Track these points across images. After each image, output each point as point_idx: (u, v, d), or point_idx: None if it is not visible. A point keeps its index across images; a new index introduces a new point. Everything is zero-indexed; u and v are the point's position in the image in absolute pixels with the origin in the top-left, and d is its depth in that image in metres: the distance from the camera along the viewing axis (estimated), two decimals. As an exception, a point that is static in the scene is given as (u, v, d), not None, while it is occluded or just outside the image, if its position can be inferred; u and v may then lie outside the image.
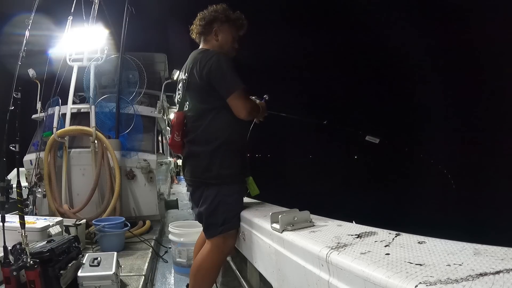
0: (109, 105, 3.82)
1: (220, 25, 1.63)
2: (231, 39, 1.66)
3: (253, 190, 1.66)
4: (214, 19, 1.63)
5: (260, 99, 1.72)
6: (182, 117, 1.61)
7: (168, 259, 2.83)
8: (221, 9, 1.64)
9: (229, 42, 1.66)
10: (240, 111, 1.46)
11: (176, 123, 1.62)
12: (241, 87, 1.45)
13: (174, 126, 1.62)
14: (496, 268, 0.59)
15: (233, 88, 1.45)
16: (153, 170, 3.75)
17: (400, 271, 0.63)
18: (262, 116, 1.70)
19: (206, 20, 1.63)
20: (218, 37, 1.64)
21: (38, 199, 3.41)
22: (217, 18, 1.63)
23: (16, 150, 1.88)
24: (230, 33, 1.65)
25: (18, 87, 2.18)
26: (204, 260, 1.56)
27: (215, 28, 1.63)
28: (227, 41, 1.65)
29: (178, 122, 1.61)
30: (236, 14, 1.66)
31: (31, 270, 1.53)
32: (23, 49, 2.79)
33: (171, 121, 1.68)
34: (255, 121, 1.72)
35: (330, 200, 10.55)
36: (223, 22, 1.63)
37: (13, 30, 3.13)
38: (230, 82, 1.46)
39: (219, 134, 1.50)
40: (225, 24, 1.64)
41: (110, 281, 1.79)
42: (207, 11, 1.65)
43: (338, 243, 0.87)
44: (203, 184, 1.55)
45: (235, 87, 1.45)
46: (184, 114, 1.62)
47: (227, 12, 1.64)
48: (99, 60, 3.89)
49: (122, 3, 4.32)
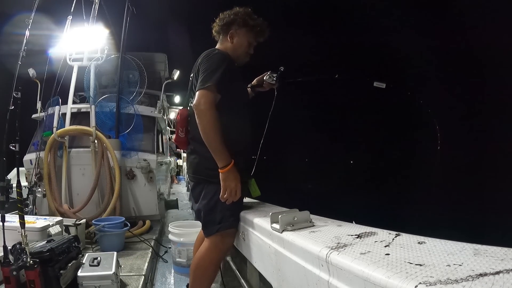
0: (109, 104, 3.82)
1: (237, 28, 1.63)
2: (247, 44, 1.65)
3: (254, 191, 1.66)
4: (232, 21, 1.63)
5: (275, 72, 1.74)
6: (186, 113, 1.63)
7: (168, 259, 2.83)
8: (242, 13, 1.64)
9: (244, 46, 1.65)
10: (196, 105, 1.44)
11: (180, 120, 1.64)
12: (211, 85, 1.42)
13: (178, 122, 1.66)
14: (496, 268, 0.59)
15: (205, 83, 1.43)
16: (153, 170, 3.75)
17: (400, 271, 0.63)
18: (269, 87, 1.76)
19: (225, 22, 1.64)
20: (233, 40, 1.64)
21: (38, 199, 3.41)
22: (235, 21, 1.63)
23: (16, 149, 1.88)
24: (246, 38, 1.64)
25: (18, 87, 2.18)
26: (202, 258, 1.57)
27: (232, 30, 1.64)
28: (241, 45, 1.65)
29: (182, 119, 1.63)
30: (256, 21, 1.64)
31: (31, 269, 1.53)
32: (23, 49, 2.78)
33: (176, 117, 1.69)
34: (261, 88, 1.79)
35: (330, 200, 10.56)
36: (241, 26, 1.63)
37: (13, 30, 3.13)
38: (206, 76, 1.45)
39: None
40: (243, 28, 1.63)
41: (110, 281, 1.79)
42: (229, 12, 1.65)
43: (338, 243, 0.87)
44: (203, 181, 1.56)
45: (207, 82, 1.43)
46: (188, 111, 1.64)
47: (247, 17, 1.63)
48: (99, 60, 3.89)
49: (123, 3, 4.32)
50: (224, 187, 1.44)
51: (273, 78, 1.75)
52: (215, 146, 1.42)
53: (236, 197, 1.46)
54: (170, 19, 33.10)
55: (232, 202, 1.48)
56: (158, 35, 19.18)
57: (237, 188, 1.45)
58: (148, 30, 10.53)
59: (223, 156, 1.42)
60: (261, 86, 1.82)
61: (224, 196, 1.44)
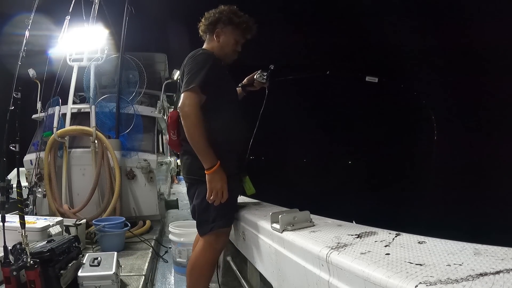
0: (109, 105, 3.82)
1: (223, 27, 1.61)
2: (233, 42, 1.64)
3: (249, 189, 1.66)
4: (217, 20, 1.61)
5: (266, 71, 1.73)
6: (176, 116, 1.61)
7: (168, 259, 2.83)
8: (227, 11, 1.62)
9: (231, 44, 1.63)
10: (181, 107, 1.43)
11: (170, 122, 1.64)
12: (195, 86, 1.42)
13: (169, 125, 1.65)
14: (496, 268, 0.59)
15: (189, 85, 1.43)
16: (153, 170, 3.75)
17: (400, 271, 0.63)
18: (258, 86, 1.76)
19: (210, 21, 1.62)
20: (220, 39, 1.62)
21: (38, 199, 3.41)
22: (220, 19, 1.61)
23: (16, 150, 1.88)
24: (233, 36, 1.63)
25: (18, 87, 2.19)
26: (197, 258, 1.57)
27: (218, 29, 1.62)
28: (228, 44, 1.63)
29: (172, 121, 1.63)
30: (241, 18, 1.62)
31: (31, 270, 1.53)
32: (23, 49, 2.79)
33: (167, 120, 1.69)
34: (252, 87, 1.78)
35: (330, 200, 10.56)
36: (226, 24, 1.61)
37: (13, 30, 3.13)
38: (190, 78, 1.44)
39: (210, 134, 1.46)
40: (228, 26, 1.61)
41: (110, 281, 1.79)
42: (214, 11, 1.63)
43: (338, 243, 0.87)
44: (196, 181, 1.56)
45: (191, 84, 1.43)
46: (178, 113, 1.60)
47: (232, 15, 1.61)
48: (99, 60, 3.89)
49: (122, 3, 4.32)
50: (210, 189, 1.43)
51: (263, 77, 1.73)
52: (200, 147, 1.42)
53: (223, 198, 1.45)
54: (170, 19, 33.06)
55: (224, 201, 1.46)
56: (158, 35, 19.20)
57: (223, 189, 1.44)
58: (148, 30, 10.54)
59: (208, 157, 1.42)
60: (252, 86, 1.81)
61: (210, 197, 1.44)
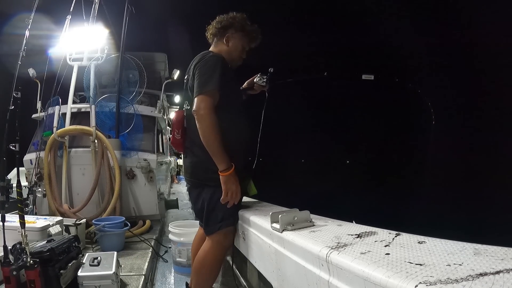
0: (109, 104, 3.82)
1: (234, 32, 1.67)
2: (241, 48, 1.70)
3: (251, 190, 1.69)
4: (230, 25, 1.67)
5: (265, 74, 1.76)
6: (181, 115, 1.66)
7: (168, 258, 2.83)
8: (240, 18, 1.69)
9: (238, 50, 1.70)
10: (196, 110, 1.44)
11: (175, 122, 1.67)
12: (210, 90, 1.44)
13: (173, 124, 1.69)
14: (496, 268, 0.59)
15: (204, 88, 1.45)
16: (153, 169, 3.75)
17: (400, 271, 0.63)
18: (260, 89, 1.78)
19: (222, 24, 1.68)
20: (229, 43, 1.68)
21: (38, 199, 3.41)
22: (233, 25, 1.67)
23: (16, 149, 1.88)
24: (241, 42, 1.69)
25: (18, 87, 2.18)
26: (206, 256, 1.59)
27: (228, 34, 1.67)
28: (236, 49, 1.69)
29: (177, 121, 1.67)
30: (252, 27, 1.70)
31: (31, 269, 1.53)
32: (23, 48, 2.78)
33: (172, 120, 1.72)
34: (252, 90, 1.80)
35: (330, 200, 10.56)
36: (238, 30, 1.68)
37: (13, 30, 3.13)
38: (205, 81, 1.46)
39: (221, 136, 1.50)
40: (239, 32, 1.68)
41: (110, 281, 1.79)
42: (226, 16, 1.69)
43: (338, 243, 0.87)
44: (201, 183, 1.60)
45: (205, 87, 1.45)
46: (183, 112, 1.67)
47: (244, 22, 1.68)
48: (99, 60, 3.88)
49: (122, 3, 4.32)
50: (225, 190, 1.46)
51: (263, 80, 1.77)
52: (216, 150, 1.44)
53: (236, 200, 1.51)
54: (170, 19, 33.07)
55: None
56: (158, 35, 19.17)
57: (238, 190, 1.49)
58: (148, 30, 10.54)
59: (224, 159, 1.44)
60: (252, 89, 1.84)
61: (225, 198, 1.48)
